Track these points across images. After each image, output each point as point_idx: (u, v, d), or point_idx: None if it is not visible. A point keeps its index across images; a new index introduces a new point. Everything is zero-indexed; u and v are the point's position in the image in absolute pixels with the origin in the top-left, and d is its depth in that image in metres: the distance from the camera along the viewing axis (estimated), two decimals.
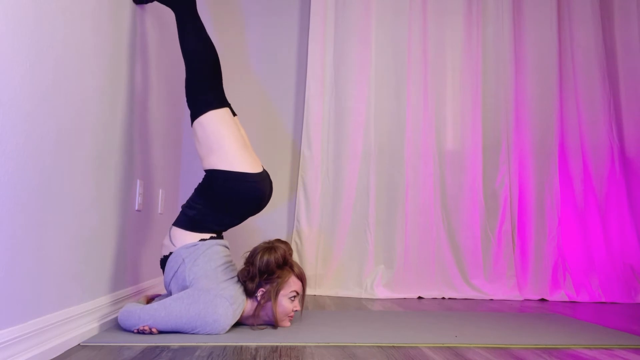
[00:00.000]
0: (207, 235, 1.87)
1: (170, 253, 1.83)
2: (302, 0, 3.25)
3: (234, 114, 2.03)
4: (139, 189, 2.07)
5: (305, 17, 3.22)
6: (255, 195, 1.88)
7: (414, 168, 3.13)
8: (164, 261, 1.87)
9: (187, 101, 1.93)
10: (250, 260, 1.79)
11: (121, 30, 1.84)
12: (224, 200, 1.86)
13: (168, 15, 2.32)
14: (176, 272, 1.78)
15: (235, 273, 1.83)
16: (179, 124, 2.89)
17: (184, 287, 1.74)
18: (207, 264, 1.77)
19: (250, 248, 1.84)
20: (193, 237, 1.84)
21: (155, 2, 2.08)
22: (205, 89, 1.92)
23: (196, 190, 1.91)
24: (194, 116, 1.89)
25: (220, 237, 1.94)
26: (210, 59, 1.94)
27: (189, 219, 1.86)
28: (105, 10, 1.67)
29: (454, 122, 3.22)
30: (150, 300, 1.90)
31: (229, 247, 1.95)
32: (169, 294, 1.85)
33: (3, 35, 1.08)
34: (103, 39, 1.65)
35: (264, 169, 1.93)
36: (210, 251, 1.81)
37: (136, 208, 2.05)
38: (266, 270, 1.75)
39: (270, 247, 1.79)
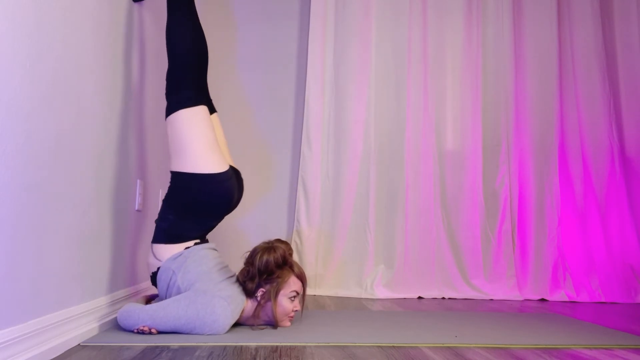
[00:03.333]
0: (190, 243, 1.83)
1: (159, 268, 1.80)
2: (302, 1, 3.25)
3: (214, 111, 2.00)
4: (139, 189, 2.07)
5: (305, 17, 3.23)
6: (220, 195, 1.84)
7: (414, 168, 3.13)
8: (153, 278, 1.84)
9: (165, 94, 1.89)
10: (249, 261, 1.79)
11: (120, 30, 1.84)
12: (192, 205, 1.82)
13: None
14: (169, 284, 1.76)
15: (230, 274, 1.82)
16: None
17: None
18: (199, 268, 1.75)
19: (250, 248, 1.84)
20: (177, 247, 1.80)
21: None
22: (183, 85, 1.86)
23: (164, 201, 1.86)
24: (167, 112, 1.85)
25: (204, 241, 1.91)
26: (193, 54, 1.89)
27: (164, 232, 1.82)
28: (104, 10, 1.67)
29: (454, 122, 3.22)
30: (149, 300, 1.90)
31: (217, 249, 1.93)
32: None
33: (3, 35, 1.08)
34: (102, 38, 1.65)
35: (230, 167, 1.89)
36: (198, 256, 1.79)
37: (136, 208, 2.05)
38: (266, 270, 1.75)
39: (269, 247, 1.79)
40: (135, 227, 2.06)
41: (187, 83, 1.87)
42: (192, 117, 1.84)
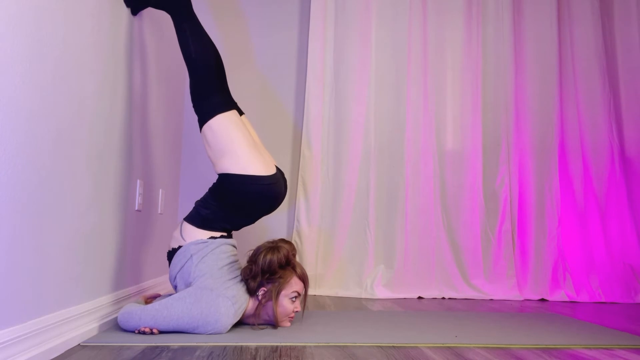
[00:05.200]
0: (217, 234, 1.87)
1: (179, 247, 1.84)
2: (302, 0, 3.25)
3: (241, 113, 2.03)
4: (138, 189, 2.07)
5: (305, 17, 3.22)
6: (269, 197, 1.89)
7: (414, 168, 3.13)
8: (171, 253, 1.87)
9: (194, 106, 1.92)
10: (253, 259, 1.80)
11: (120, 30, 1.84)
12: (238, 203, 1.87)
13: (167, 15, 2.32)
14: (183, 266, 1.79)
15: (239, 272, 1.83)
16: (178, 124, 2.90)
17: (189, 283, 1.76)
18: (214, 263, 1.77)
19: (249, 248, 1.85)
20: (203, 234, 1.85)
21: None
22: (210, 92, 1.90)
23: (210, 190, 1.91)
24: (203, 121, 1.88)
25: (230, 235, 1.94)
26: (212, 62, 1.92)
27: (201, 217, 1.87)
28: (104, 10, 1.67)
29: (454, 122, 3.22)
30: (149, 300, 1.90)
31: (236, 246, 1.96)
32: (174, 287, 1.87)
33: (3, 35, 1.08)
34: (103, 38, 1.65)
35: (277, 169, 1.93)
36: (218, 250, 1.82)
37: (136, 208, 2.05)
38: (268, 269, 1.76)
39: (273, 246, 1.80)
40: (135, 227, 2.06)
41: (213, 89, 1.91)
42: (229, 120, 1.88)
